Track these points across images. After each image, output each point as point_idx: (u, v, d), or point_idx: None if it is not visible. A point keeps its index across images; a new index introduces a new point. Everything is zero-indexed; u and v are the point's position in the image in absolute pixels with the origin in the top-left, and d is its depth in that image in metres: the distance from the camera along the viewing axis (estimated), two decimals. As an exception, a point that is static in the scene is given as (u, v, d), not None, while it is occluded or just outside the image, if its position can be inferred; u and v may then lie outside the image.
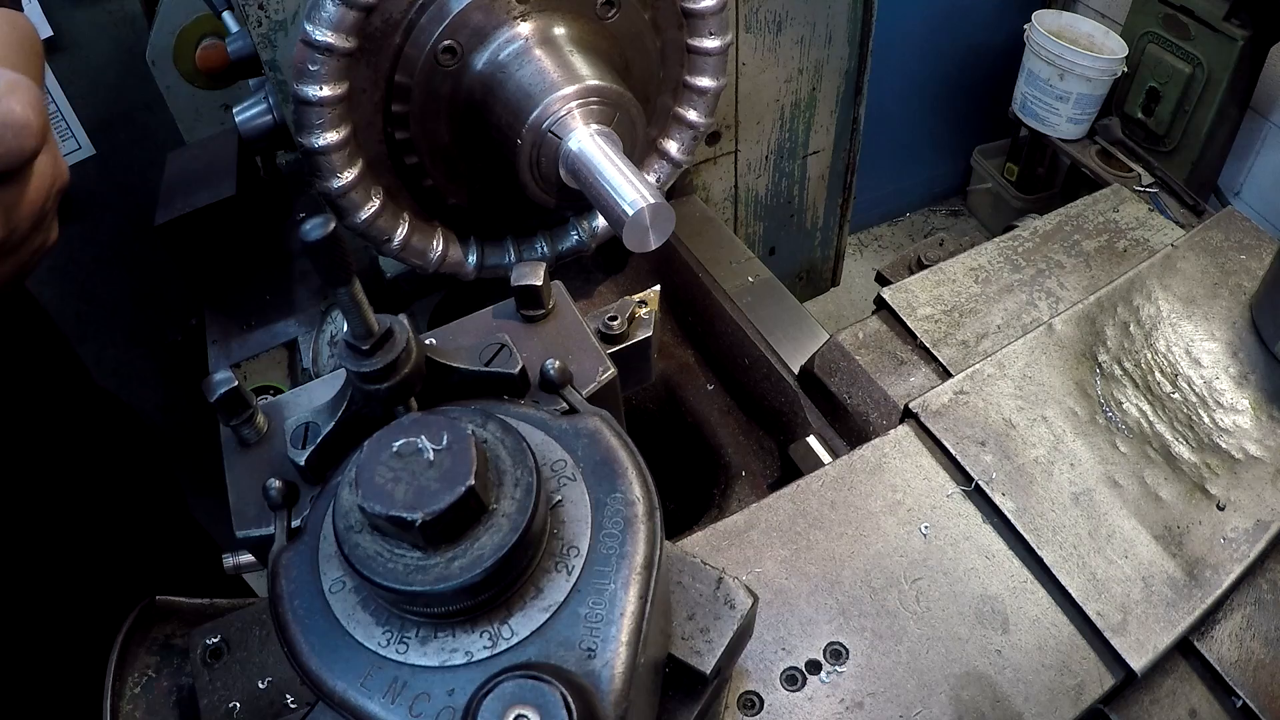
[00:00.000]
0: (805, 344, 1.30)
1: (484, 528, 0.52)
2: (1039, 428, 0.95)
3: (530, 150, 1.05)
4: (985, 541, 0.87)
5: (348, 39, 0.99)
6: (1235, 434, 0.98)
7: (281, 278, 1.63)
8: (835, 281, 2.10)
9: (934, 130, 4.34)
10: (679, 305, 1.49)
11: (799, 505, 0.89)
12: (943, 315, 1.14)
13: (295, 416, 0.67)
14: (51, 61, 2.07)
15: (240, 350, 1.53)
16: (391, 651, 0.53)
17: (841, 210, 1.94)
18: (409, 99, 1.09)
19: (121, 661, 0.75)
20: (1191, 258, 1.14)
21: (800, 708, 0.76)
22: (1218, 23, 3.02)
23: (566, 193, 1.09)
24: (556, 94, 1.03)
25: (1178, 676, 0.84)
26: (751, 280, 1.45)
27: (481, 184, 1.22)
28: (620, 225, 0.97)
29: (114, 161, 2.26)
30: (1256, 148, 3.32)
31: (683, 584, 0.66)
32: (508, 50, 1.08)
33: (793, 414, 1.23)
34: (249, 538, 0.69)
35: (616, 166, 1.00)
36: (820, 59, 1.63)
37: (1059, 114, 3.44)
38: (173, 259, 1.52)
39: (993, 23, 3.94)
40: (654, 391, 1.43)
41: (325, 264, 0.53)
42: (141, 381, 2.70)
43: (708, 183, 1.70)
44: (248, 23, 1.09)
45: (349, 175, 1.09)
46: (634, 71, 1.19)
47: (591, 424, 0.61)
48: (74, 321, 2.48)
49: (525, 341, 0.78)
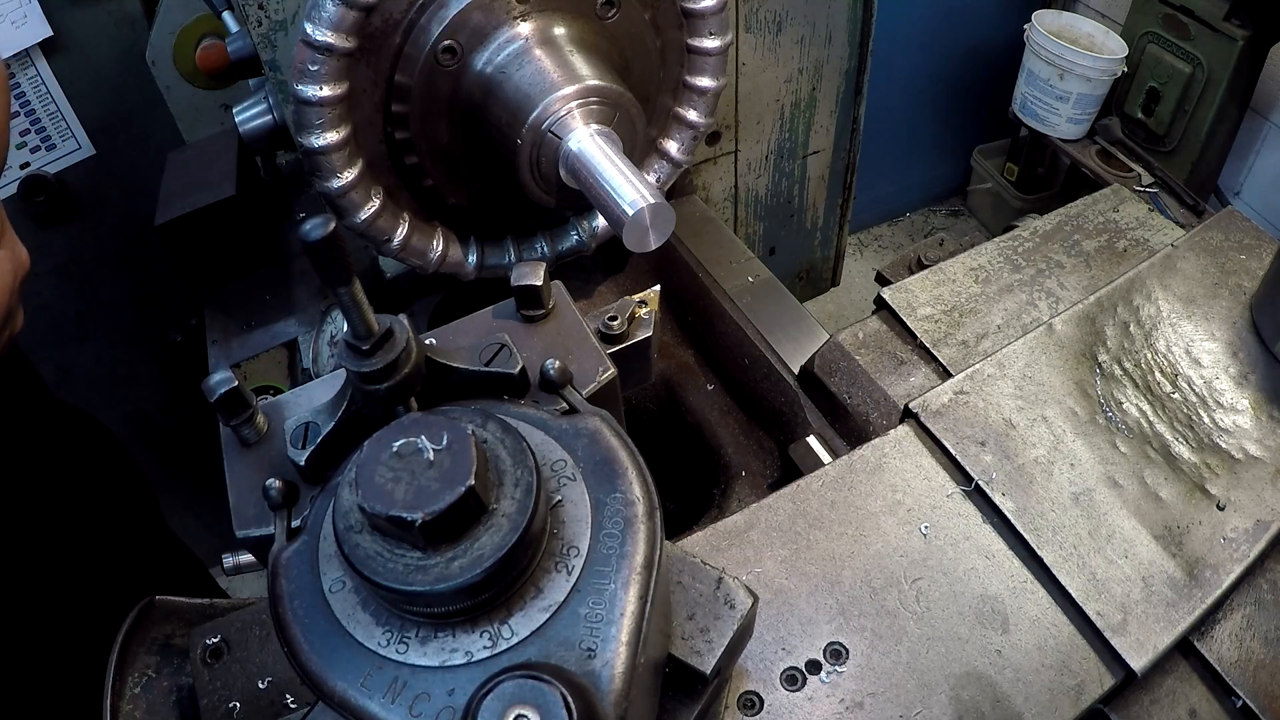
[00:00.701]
0: (805, 344, 1.30)
1: (484, 528, 0.52)
2: (1039, 428, 0.95)
3: (530, 150, 1.05)
4: (985, 541, 0.87)
5: (348, 39, 0.99)
6: (1235, 434, 0.98)
7: (281, 278, 1.63)
8: (835, 281, 2.10)
9: (934, 130, 4.34)
10: (679, 305, 1.49)
11: (799, 505, 0.89)
12: (943, 315, 1.14)
13: (295, 416, 0.67)
14: (51, 62, 2.08)
15: (240, 350, 1.53)
16: (391, 651, 0.53)
17: (841, 210, 1.94)
18: (409, 99, 1.09)
19: (121, 661, 0.75)
20: (1191, 258, 1.14)
21: (800, 708, 0.76)
22: (1218, 23, 3.02)
23: (566, 193, 1.09)
24: (556, 94, 1.03)
25: (1178, 676, 0.84)
26: (751, 280, 1.45)
27: (481, 184, 1.22)
28: (620, 225, 0.97)
29: (114, 161, 2.26)
30: (1256, 148, 3.32)
31: (683, 584, 0.66)
32: (508, 50, 1.08)
33: (793, 414, 1.23)
34: (249, 538, 0.69)
35: (616, 166, 1.00)
36: (820, 59, 1.63)
37: (1059, 114, 3.44)
38: (173, 259, 1.52)
39: (993, 23, 3.94)
40: (654, 391, 1.43)
41: (325, 264, 0.53)
42: (141, 382, 2.70)
43: (708, 183, 1.71)
44: (248, 23, 1.09)
45: (349, 175, 1.09)
46: (634, 71, 1.19)
47: (591, 424, 0.61)
48: (74, 321, 2.48)
49: (525, 341, 0.78)
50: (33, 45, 2.03)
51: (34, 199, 2.20)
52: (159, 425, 2.82)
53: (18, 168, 2.17)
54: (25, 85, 2.08)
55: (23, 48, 2.03)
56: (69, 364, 2.55)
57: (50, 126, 2.17)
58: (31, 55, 2.05)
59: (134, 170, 2.27)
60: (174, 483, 2.96)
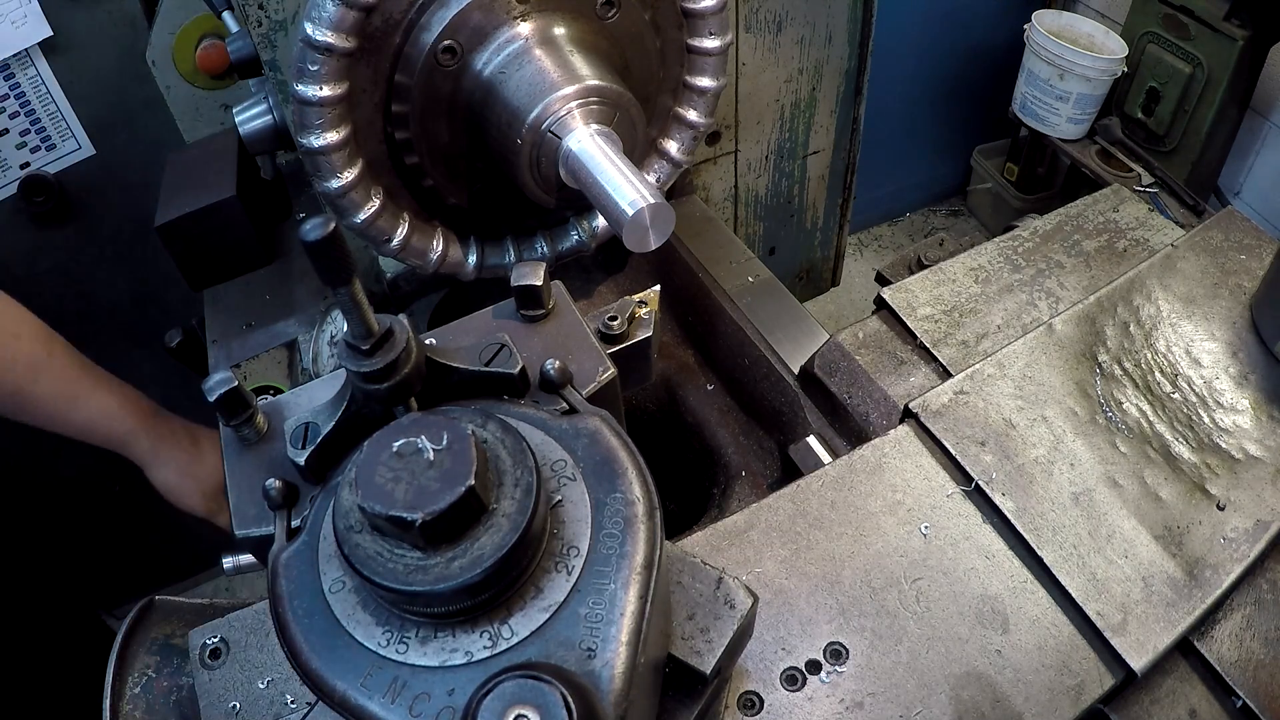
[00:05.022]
0: (805, 344, 1.30)
1: (484, 528, 0.52)
2: (1039, 428, 0.95)
3: (530, 150, 1.05)
4: (985, 541, 0.87)
5: (348, 39, 0.99)
6: (1235, 434, 0.98)
7: (281, 278, 1.63)
8: (835, 281, 2.10)
9: (934, 130, 4.35)
10: (679, 305, 1.49)
11: (799, 505, 0.89)
12: (943, 315, 1.14)
13: (295, 416, 0.67)
14: (51, 62, 2.08)
15: (240, 350, 1.53)
16: (391, 651, 0.53)
17: (841, 210, 1.94)
18: (409, 99, 1.09)
19: (121, 661, 0.75)
20: (1191, 258, 1.14)
21: (800, 708, 0.76)
22: (1218, 23, 3.02)
23: (566, 193, 1.09)
24: (556, 94, 1.03)
25: (1178, 676, 0.84)
26: (751, 280, 1.45)
27: (481, 184, 1.22)
28: (620, 225, 0.97)
29: (114, 161, 2.26)
30: (1256, 148, 3.32)
31: (683, 584, 0.66)
32: (508, 50, 1.07)
33: (793, 414, 1.23)
34: (249, 538, 0.69)
35: (616, 166, 1.00)
36: (820, 59, 1.63)
37: (1059, 114, 3.44)
38: (173, 259, 1.53)
39: (993, 23, 3.94)
40: (654, 392, 1.43)
41: (325, 264, 0.53)
42: (141, 383, 2.69)
43: (708, 183, 1.70)
44: (248, 23, 1.09)
45: (349, 175, 1.09)
46: (634, 71, 1.19)
47: (591, 424, 0.61)
48: (74, 321, 2.47)
49: (525, 341, 0.78)
50: (32, 45, 2.04)
51: (34, 199, 2.20)
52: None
53: (17, 168, 2.17)
54: (25, 85, 2.09)
55: (22, 47, 2.03)
56: (69, 364, 2.54)
57: (50, 126, 2.17)
58: (31, 55, 2.06)
59: (134, 170, 2.27)
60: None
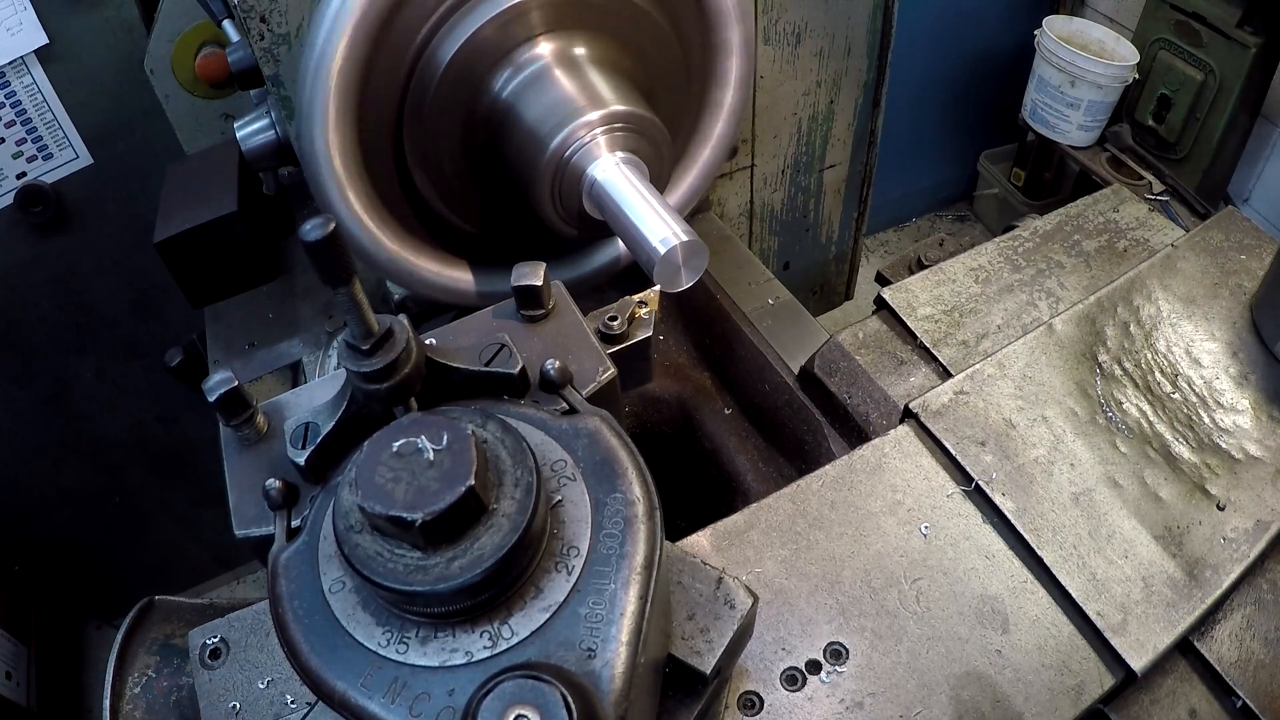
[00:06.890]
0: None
1: (484, 528, 0.52)
2: (1039, 428, 0.95)
3: (551, 179, 0.99)
4: (985, 541, 0.87)
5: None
6: (1235, 434, 0.98)
7: (285, 295, 1.59)
8: (849, 295, 2.04)
9: (941, 135, 4.33)
10: (695, 326, 1.45)
11: (799, 505, 0.89)
12: (943, 315, 1.14)
13: (295, 416, 0.67)
14: (48, 69, 2.07)
15: (243, 371, 1.48)
16: (391, 651, 0.52)
17: (856, 223, 1.89)
18: (421, 122, 1.04)
19: (121, 661, 0.75)
20: (1191, 258, 1.14)
21: (800, 708, 0.76)
22: (1230, 30, 3.00)
23: (589, 222, 1.03)
24: (580, 120, 0.97)
25: (1178, 676, 0.84)
26: (771, 303, 1.40)
27: (495, 211, 1.17)
28: (651, 264, 0.91)
29: (112, 171, 2.26)
30: (1267, 155, 3.30)
31: (683, 584, 0.66)
32: (526, 71, 1.01)
33: (815, 443, 1.18)
34: (249, 538, 0.69)
35: (645, 200, 0.94)
36: (839, 71, 1.59)
37: (1070, 121, 3.42)
38: (173, 276, 1.48)
39: (1002, 28, 3.92)
40: (670, 415, 1.39)
41: (325, 264, 0.53)
42: (140, 393, 2.69)
43: (723, 198, 1.66)
44: (249, 36, 1.04)
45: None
46: (658, 93, 1.12)
47: (591, 424, 0.61)
48: (72, 332, 2.47)
49: (525, 341, 0.78)
50: (28, 53, 2.03)
51: (31, 209, 2.20)
52: (159, 436, 2.81)
53: (14, 177, 2.16)
54: (21, 93, 2.08)
55: (18, 55, 2.02)
56: (68, 375, 2.54)
57: (47, 136, 2.16)
58: (27, 63, 2.05)
59: (132, 180, 2.26)
60: (173, 494, 2.96)
